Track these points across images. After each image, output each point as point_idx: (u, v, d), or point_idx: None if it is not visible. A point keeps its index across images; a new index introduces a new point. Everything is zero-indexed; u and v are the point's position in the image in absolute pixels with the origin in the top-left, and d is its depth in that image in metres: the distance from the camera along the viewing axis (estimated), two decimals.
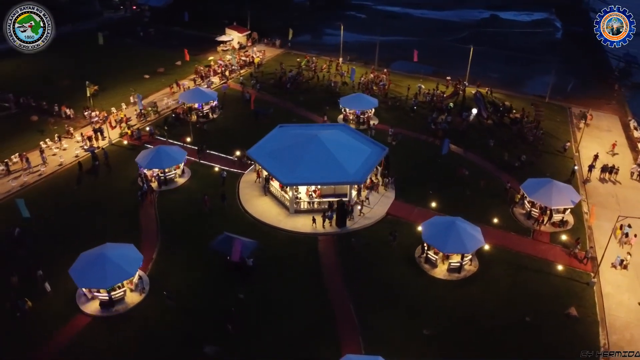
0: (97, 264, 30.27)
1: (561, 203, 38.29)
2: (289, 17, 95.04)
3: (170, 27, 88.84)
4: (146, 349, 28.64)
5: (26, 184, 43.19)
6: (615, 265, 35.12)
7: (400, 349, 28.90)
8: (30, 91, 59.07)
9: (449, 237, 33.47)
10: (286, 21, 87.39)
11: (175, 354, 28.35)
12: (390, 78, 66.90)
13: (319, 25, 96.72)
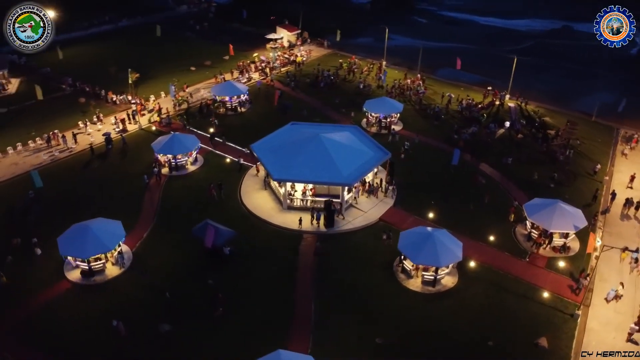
0: (80, 235, 32.66)
1: (562, 227, 35.73)
2: (346, 19, 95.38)
3: (229, 23, 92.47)
4: (109, 319, 30.34)
5: (56, 159, 47.22)
6: (608, 299, 32.30)
7: (347, 353, 28.61)
8: (87, 76, 64.20)
9: (423, 248, 32.47)
10: (343, 22, 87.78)
11: (134, 329, 29.80)
12: (427, 84, 65.30)
13: (374, 28, 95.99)
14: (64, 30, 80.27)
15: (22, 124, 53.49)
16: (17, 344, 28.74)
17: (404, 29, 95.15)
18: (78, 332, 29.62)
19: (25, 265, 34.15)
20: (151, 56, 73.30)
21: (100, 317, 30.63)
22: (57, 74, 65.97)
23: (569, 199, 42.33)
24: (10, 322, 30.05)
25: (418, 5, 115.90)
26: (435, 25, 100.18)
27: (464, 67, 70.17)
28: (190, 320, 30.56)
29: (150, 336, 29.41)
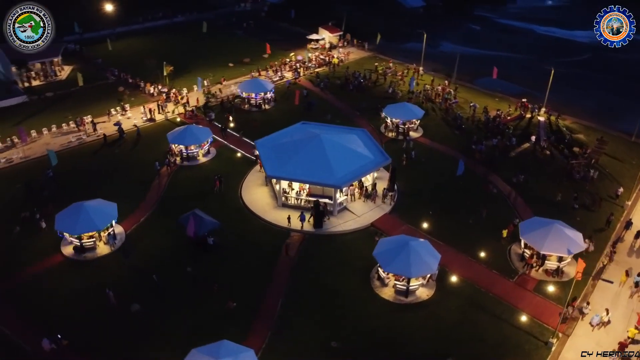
0: (75, 213, 34.92)
1: (554, 250, 33.67)
2: (396, 23, 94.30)
3: (278, 23, 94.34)
4: (91, 295, 32.21)
5: (82, 142, 50.52)
6: (593, 324, 30.22)
7: (299, 353, 28.71)
8: (131, 67, 68.00)
9: (396, 257, 31.84)
10: (392, 26, 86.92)
11: (109, 307, 31.37)
12: (459, 93, 63.42)
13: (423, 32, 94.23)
14: (120, 23, 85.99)
15: (63, 107, 57.64)
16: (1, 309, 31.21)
17: (455, 36, 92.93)
18: (60, 303, 31.64)
19: (29, 237, 36.94)
20: (194, 51, 76.44)
21: (83, 290, 32.64)
22: (106, 64, 70.33)
23: (580, 221, 39.99)
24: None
25: (476, 12, 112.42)
26: (489, 33, 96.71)
27: (507, 77, 67.82)
28: (160, 302, 31.79)
29: (122, 314, 30.86)
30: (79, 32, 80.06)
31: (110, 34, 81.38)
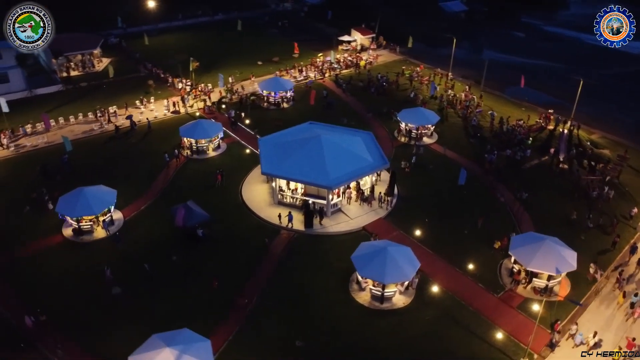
0: (75, 197, 36.82)
1: (542, 267, 32.21)
2: (435, 27, 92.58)
3: (316, 23, 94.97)
4: (81, 275, 33.92)
5: (104, 131, 52.99)
6: (576, 343, 28.89)
7: (262, 349, 29.03)
8: (164, 62, 70.60)
9: (372, 261, 31.56)
10: (431, 30, 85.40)
11: (94, 288, 32.91)
12: (484, 101, 61.62)
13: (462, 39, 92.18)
14: (162, 19, 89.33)
15: (93, 98, 60.65)
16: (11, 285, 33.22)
17: (495, 42, 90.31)
18: (51, 281, 33.46)
19: (36, 216, 39.24)
20: (226, 48, 78.41)
21: (75, 270, 34.38)
22: (142, 59, 73.35)
23: (584, 240, 38.18)
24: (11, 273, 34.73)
25: (524, 19, 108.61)
26: (532, 41, 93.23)
27: (541, 87, 65.39)
28: (142, 288, 33.02)
29: (102, 298, 32.23)
30: (122, 26, 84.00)
31: (153, 30, 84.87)
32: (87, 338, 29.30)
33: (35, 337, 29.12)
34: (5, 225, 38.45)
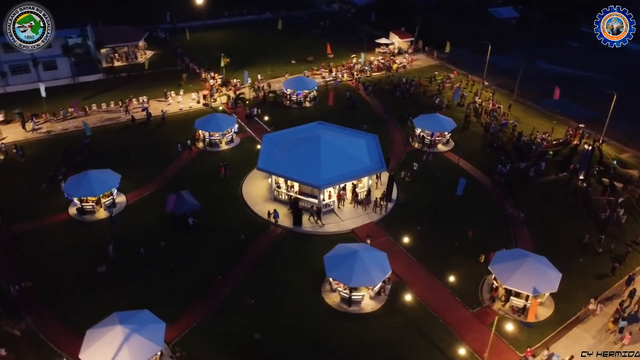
0: (80, 179, 39.32)
1: (519, 286, 30.85)
2: (482, 34, 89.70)
3: (360, 25, 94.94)
4: (78, 251, 36.21)
5: (129, 120, 55.79)
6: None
7: (219, 340, 29.79)
8: (200, 56, 73.24)
9: (342, 263, 31.56)
10: (477, 37, 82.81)
11: (85, 265, 35.03)
12: (513, 112, 59.31)
13: (509, 47, 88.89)
14: (210, 16, 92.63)
15: (128, 87, 63.98)
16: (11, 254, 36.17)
17: (545, 52, 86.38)
18: (49, 254, 36.02)
19: (50, 194, 42.18)
20: (263, 46, 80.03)
21: (73, 246, 36.74)
22: (182, 53, 76.49)
23: (582, 262, 36.19)
24: (6, 238, 37.69)
25: (583, 28, 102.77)
26: (585, 52, 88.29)
27: (581, 100, 62.08)
28: (128, 267, 34.87)
29: (88, 275, 34.25)
30: (170, 22, 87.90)
31: (200, 26, 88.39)
32: (65, 309, 31.26)
33: (19, 303, 31.43)
34: (22, 200, 41.60)
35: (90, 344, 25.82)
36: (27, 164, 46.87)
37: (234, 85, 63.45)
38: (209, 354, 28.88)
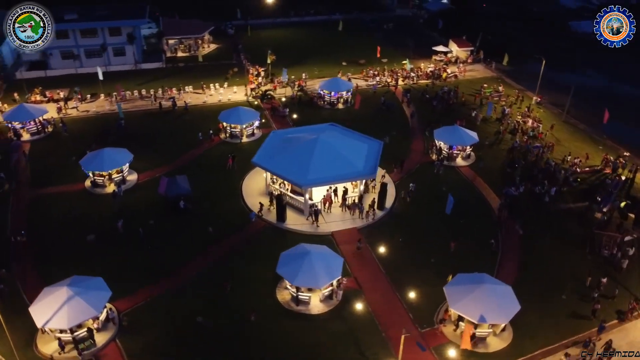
0: (95, 155, 43.47)
1: (465, 311, 29.05)
2: (558, 47, 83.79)
3: (427, 30, 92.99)
4: (82, 219, 39.99)
5: (169, 106, 59.75)
6: None
7: (168, 318, 31.51)
8: (254, 52, 76.30)
9: (293, 261, 31.99)
10: (549, 51, 77.55)
11: (78, 233, 38.47)
12: (551, 132, 55.17)
13: (584, 62, 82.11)
14: (276, 15, 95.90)
15: (180, 77, 68.56)
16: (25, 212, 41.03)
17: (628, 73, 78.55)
18: (56, 217, 40.29)
19: (76, 166, 46.55)
20: (319, 46, 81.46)
21: (78, 214, 40.67)
22: (242, 48, 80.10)
23: (565, 300, 33.32)
24: (27, 198, 42.74)
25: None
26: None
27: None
28: (113, 239, 37.97)
29: (78, 244, 37.64)
30: (241, 18, 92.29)
31: (268, 24, 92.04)
32: (47, 267, 34.76)
33: (11, 253, 35.75)
34: (52, 168, 46.60)
35: (40, 300, 28.74)
36: (68, 137, 52.31)
37: (279, 82, 65.39)
38: (149, 327, 30.69)
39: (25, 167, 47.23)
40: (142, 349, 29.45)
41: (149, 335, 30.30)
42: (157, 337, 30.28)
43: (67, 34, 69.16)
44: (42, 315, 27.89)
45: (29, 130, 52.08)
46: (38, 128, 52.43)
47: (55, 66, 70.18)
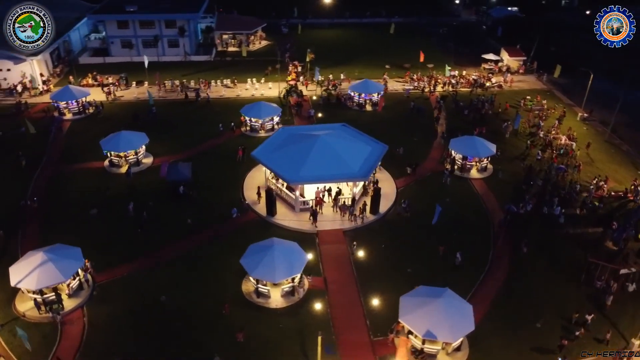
0: (114, 136, 46.55)
1: (413, 324, 28.00)
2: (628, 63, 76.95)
3: (487, 37, 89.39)
4: (93, 195, 42.96)
5: (204, 98, 62.36)
6: None
7: (132, 296, 33.12)
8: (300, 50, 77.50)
9: (256, 253, 32.50)
10: (619, 65, 71.57)
11: (84, 206, 41.35)
12: (588, 150, 51.10)
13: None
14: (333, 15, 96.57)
15: (223, 70, 71.32)
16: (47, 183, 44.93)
17: None
18: (72, 190, 43.75)
19: None
20: (366, 48, 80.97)
21: (91, 190, 43.79)
22: (290, 46, 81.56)
23: (539, 329, 31.12)
24: (53, 170, 46.69)
25: None
26: None
27: None
28: (114, 214, 40.58)
29: (82, 216, 40.58)
30: (297, 17, 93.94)
31: (325, 23, 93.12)
32: (49, 233, 37.77)
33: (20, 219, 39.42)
34: (80, 146, 50.45)
35: (20, 261, 31.47)
36: (102, 119, 56.35)
37: (308, 80, 66.09)
38: (118, 301, 32.57)
39: (60, 143, 51.54)
40: (104, 320, 31.31)
41: (115, 308, 32.13)
42: (122, 310, 32.01)
43: (127, 25, 74.33)
44: (17, 275, 30.53)
45: (71, 110, 56.65)
46: (79, 109, 56.87)
47: (114, 54, 75.60)
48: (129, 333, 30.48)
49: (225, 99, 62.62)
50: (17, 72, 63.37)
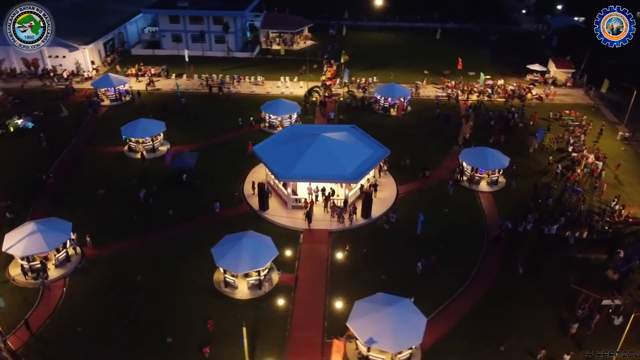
0: (132, 123, 49.18)
1: (358, 331, 27.52)
2: None
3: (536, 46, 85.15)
4: (107, 177, 45.95)
5: (237, 92, 64.30)
6: None
7: (106, 273, 35.25)
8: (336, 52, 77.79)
9: (227, 244, 33.35)
10: None
11: (94, 186, 44.05)
12: (617, 173, 47.28)
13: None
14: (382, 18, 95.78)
15: (261, 67, 73.00)
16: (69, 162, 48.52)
17: None
18: (88, 170, 46.93)
19: None
20: (411, 52, 79.70)
21: (108, 172, 46.69)
22: (332, 48, 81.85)
23: (503, 351, 29.58)
24: (79, 151, 50.20)
25: None
26: None
27: None
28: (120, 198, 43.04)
29: (92, 193, 43.43)
30: (347, 18, 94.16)
31: (373, 26, 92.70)
32: (58, 206, 40.95)
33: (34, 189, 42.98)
34: (111, 130, 53.53)
35: (17, 229, 34.31)
36: (136, 107, 59.68)
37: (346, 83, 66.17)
38: (99, 277, 34.68)
39: (92, 127, 55.31)
40: (82, 292, 33.44)
41: (95, 283, 34.22)
42: (100, 286, 34.00)
43: (178, 19, 78.11)
44: (8, 242, 33.36)
45: (109, 97, 60.53)
46: (116, 96, 60.63)
47: (165, 47, 79.67)
48: (101, 307, 32.30)
49: (254, 94, 64.17)
50: (71, 60, 68.60)
